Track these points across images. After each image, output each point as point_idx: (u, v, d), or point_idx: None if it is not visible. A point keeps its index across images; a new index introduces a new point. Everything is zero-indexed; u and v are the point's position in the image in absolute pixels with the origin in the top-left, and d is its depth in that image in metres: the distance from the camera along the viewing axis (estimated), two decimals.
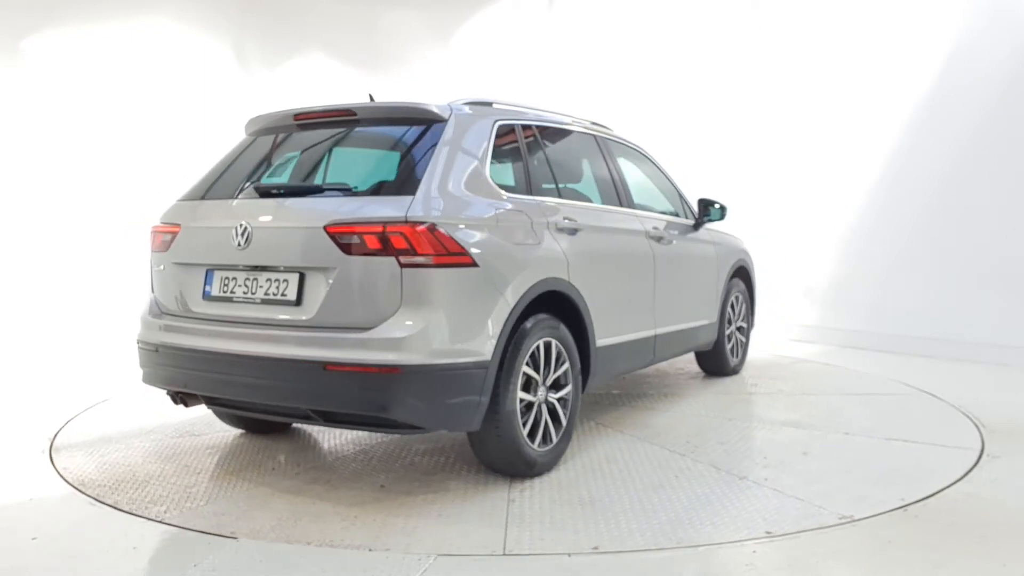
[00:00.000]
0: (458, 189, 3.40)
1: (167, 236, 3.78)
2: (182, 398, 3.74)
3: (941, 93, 6.98)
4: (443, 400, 3.19)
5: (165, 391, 3.83)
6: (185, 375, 3.61)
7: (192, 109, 10.27)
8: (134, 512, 3.26)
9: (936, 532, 2.98)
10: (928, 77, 7.09)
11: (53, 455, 4.10)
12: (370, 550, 2.86)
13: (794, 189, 8.29)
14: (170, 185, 10.35)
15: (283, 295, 3.36)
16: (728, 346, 5.93)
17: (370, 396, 3.12)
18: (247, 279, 3.47)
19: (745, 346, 6.26)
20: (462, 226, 3.30)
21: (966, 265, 6.80)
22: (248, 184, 3.76)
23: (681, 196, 5.51)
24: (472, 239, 3.31)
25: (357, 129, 3.82)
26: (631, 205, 4.73)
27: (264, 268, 3.43)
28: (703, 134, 9.06)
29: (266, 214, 3.46)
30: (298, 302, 3.31)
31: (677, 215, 5.29)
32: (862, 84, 7.59)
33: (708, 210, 5.42)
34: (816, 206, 8.09)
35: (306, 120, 3.83)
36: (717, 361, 5.90)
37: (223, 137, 10.77)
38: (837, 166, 7.86)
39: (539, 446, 3.59)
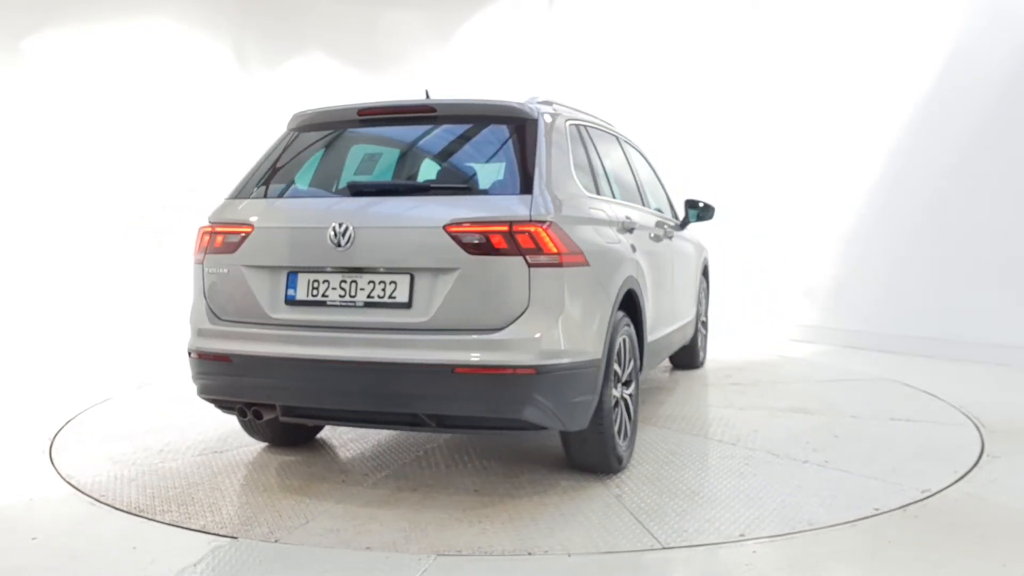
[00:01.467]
0: (562, 189, 3.40)
1: (233, 237, 3.46)
2: (254, 411, 3.41)
3: (941, 93, 6.98)
4: (569, 399, 3.19)
5: (229, 404, 3.52)
6: (268, 385, 3.35)
7: (192, 109, 10.27)
8: (134, 512, 3.26)
9: (936, 532, 2.98)
10: (928, 77, 7.08)
11: (53, 455, 4.09)
12: (369, 550, 2.86)
13: (794, 189, 8.29)
14: (170, 185, 10.36)
15: (391, 298, 3.21)
16: (699, 341, 6.24)
17: (504, 398, 3.09)
18: (343, 282, 3.27)
19: (706, 339, 6.59)
20: (573, 225, 3.32)
21: (966, 265, 6.80)
22: (332, 182, 3.66)
23: (667, 195, 5.60)
24: (582, 238, 3.33)
25: (439, 126, 3.71)
26: (647, 204, 4.83)
27: (364, 270, 3.25)
28: (703, 134, 9.06)
29: (372, 213, 3.29)
30: (409, 304, 3.20)
31: (663, 213, 5.34)
32: (863, 84, 7.59)
33: (695, 210, 5.44)
34: (816, 206, 8.09)
35: (374, 116, 3.69)
36: (690, 355, 6.15)
37: (223, 137, 10.78)
38: (837, 166, 7.86)
39: (620, 442, 3.65)
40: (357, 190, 3.49)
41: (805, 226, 8.19)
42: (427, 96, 3.92)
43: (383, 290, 3.23)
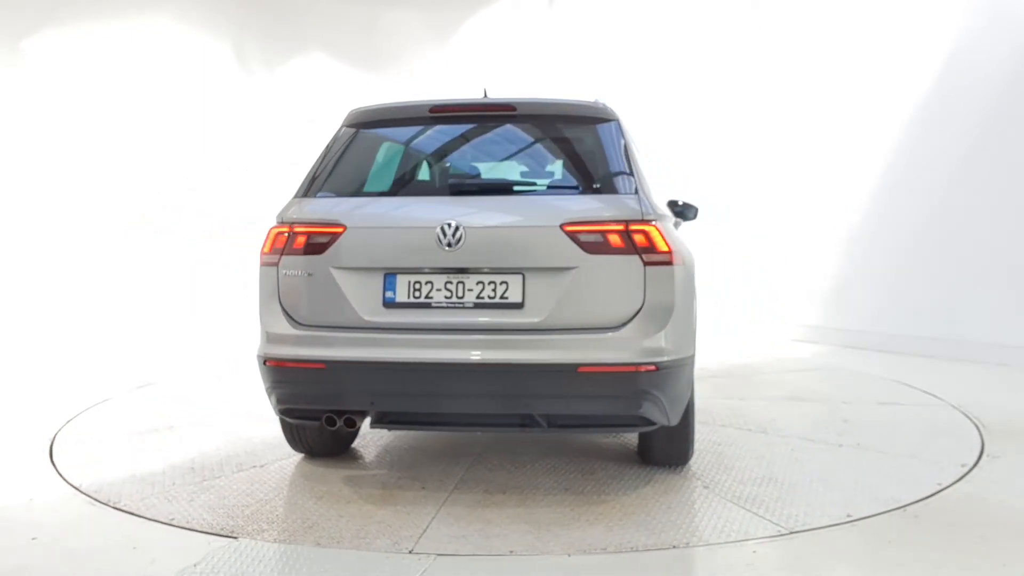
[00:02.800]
0: (650, 189, 3.44)
1: (321, 237, 3.30)
2: (346, 419, 3.29)
3: (942, 93, 6.98)
4: (678, 394, 3.25)
5: (311, 414, 3.38)
6: (369, 391, 3.24)
7: (192, 109, 10.27)
8: (134, 512, 3.26)
9: (936, 532, 2.98)
10: (929, 77, 7.08)
11: (53, 455, 4.09)
12: (368, 550, 2.86)
13: (795, 189, 8.29)
14: (170, 185, 10.36)
15: (503, 298, 3.16)
16: None
17: (625, 396, 3.12)
18: (448, 283, 3.19)
19: None
20: (666, 224, 3.36)
21: (966, 265, 6.80)
22: (424, 181, 3.60)
23: None
24: (673, 237, 3.35)
25: (520, 125, 3.69)
26: None
27: (470, 270, 3.18)
28: (704, 133, 9.06)
29: (483, 213, 3.24)
30: (522, 305, 3.16)
31: None
32: (863, 84, 7.59)
33: (676, 209, 5.42)
34: (817, 206, 8.09)
35: (447, 113, 3.64)
36: None
37: (223, 137, 10.78)
38: (838, 166, 7.86)
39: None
40: (458, 189, 3.43)
41: (805, 226, 8.19)
42: (485, 95, 3.89)
43: (493, 290, 3.18)
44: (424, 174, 3.72)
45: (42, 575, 2.75)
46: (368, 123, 3.72)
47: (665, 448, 3.66)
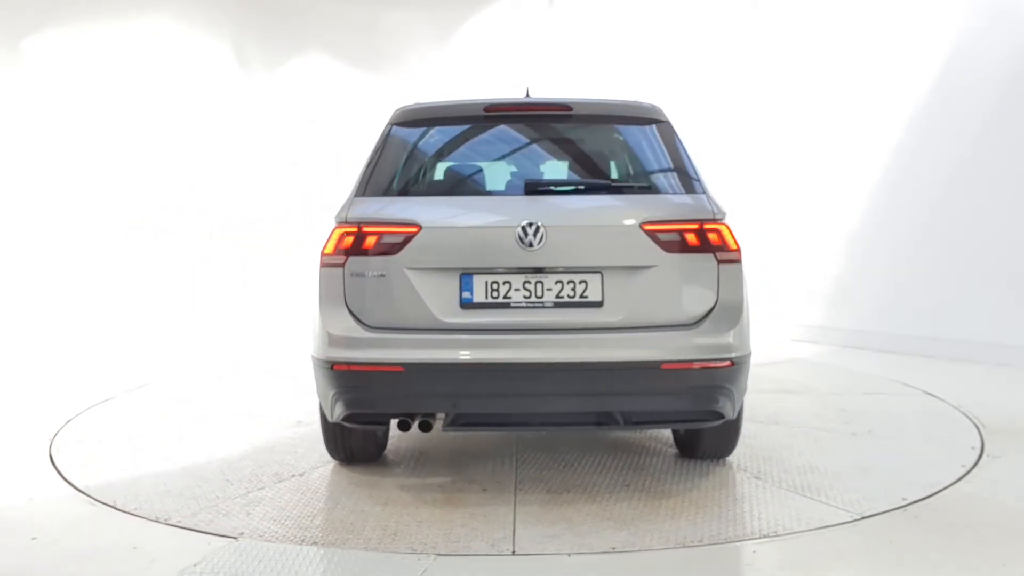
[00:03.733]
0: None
1: (394, 237, 3.23)
2: (422, 422, 3.24)
3: (943, 93, 6.98)
4: (743, 388, 3.34)
5: (376, 418, 3.34)
6: (450, 393, 3.18)
7: (192, 109, 10.27)
8: (134, 512, 3.26)
9: (936, 532, 2.98)
10: (929, 77, 7.08)
11: (53, 455, 4.09)
12: (368, 550, 2.86)
13: (795, 189, 8.29)
14: (170, 185, 10.35)
15: (582, 297, 3.19)
16: None
17: (705, 391, 3.20)
18: (527, 282, 3.19)
19: None
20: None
21: (967, 265, 6.80)
22: (493, 179, 3.61)
23: None
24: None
25: (576, 125, 3.71)
26: None
27: (547, 270, 3.19)
28: (704, 133, 9.05)
29: (563, 212, 3.27)
30: (602, 303, 3.19)
31: None
32: (864, 84, 7.59)
33: None
34: (817, 206, 8.09)
35: (502, 113, 3.64)
36: None
37: (223, 137, 10.78)
38: (838, 166, 7.86)
39: None
40: (532, 189, 3.41)
41: (806, 226, 8.19)
42: (527, 94, 3.90)
43: (573, 290, 3.19)
44: (492, 173, 3.69)
45: (42, 575, 2.75)
46: (418, 121, 3.69)
47: (715, 441, 3.73)
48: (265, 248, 10.57)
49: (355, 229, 3.27)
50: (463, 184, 3.62)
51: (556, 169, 3.75)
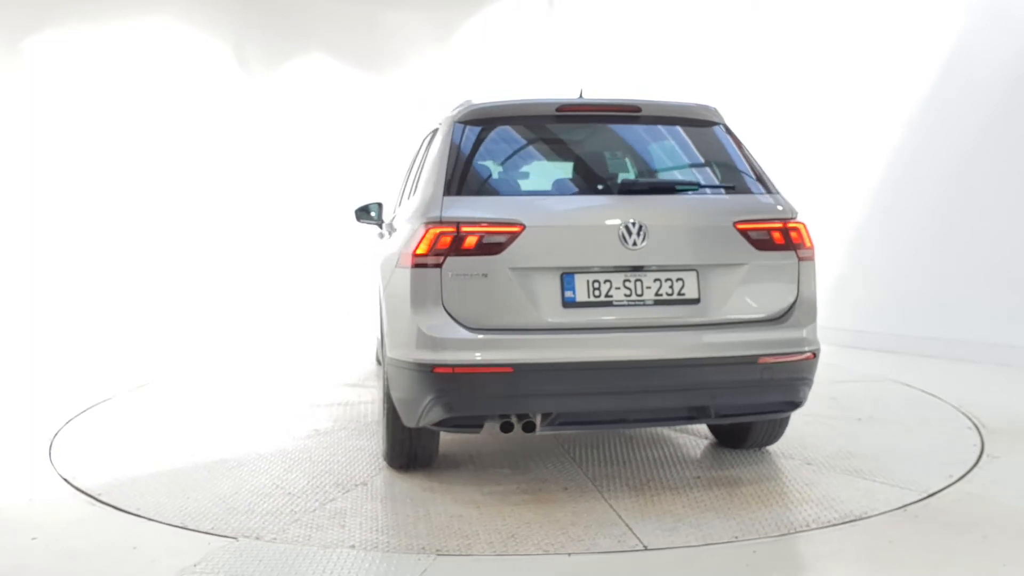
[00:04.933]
0: None
1: (497, 237, 3.18)
2: (526, 422, 3.18)
3: (943, 93, 6.98)
4: (814, 380, 3.47)
5: (471, 421, 3.25)
6: (559, 392, 3.17)
7: (192, 109, 10.27)
8: (134, 512, 3.26)
9: (936, 532, 2.98)
10: (930, 77, 7.08)
11: (53, 455, 4.09)
12: (367, 550, 2.86)
13: (795, 189, 8.27)
14: (170, 185, 10.36)
15: (680, 294, 3.25)
16: None
17: (793, 383, 3.35)
18: (627, 280, 3.22)
19: None
20: None
21: (967, 265, 6.80)
22: (582, 178, 3.62)
23: None
24: None
25: (645, 126, 3.76)
26: None
27: (646, 268, 3.24)
28: None
29: (663, 211, 3.33)
30: (698, 300, 3.26)
31: None
32: (864, 84, 7.59)
33: None
34: (817, 206, 8.09)
35: (574, 112, 3.67)
36: None
37: (223, 137, 10.78)
38: (838, 166, 7.86)
39: None
40: (627, 188, 3.45)
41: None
42: (581, 95, 3.92)
43: (671, 287, 3.25)
44: (580, 173, 3.70)
45: (42, 575, 2.75)
46: (487, 120, 3.64)
47: (768, 430, 3.85)
48: (265, 248, 10.57)
49: (453, 229, 3.19)
50: (555, 183, 3.61)
51: (637, 169, 3.77)
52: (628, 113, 3.69)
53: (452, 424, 3.26)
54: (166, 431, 4.60)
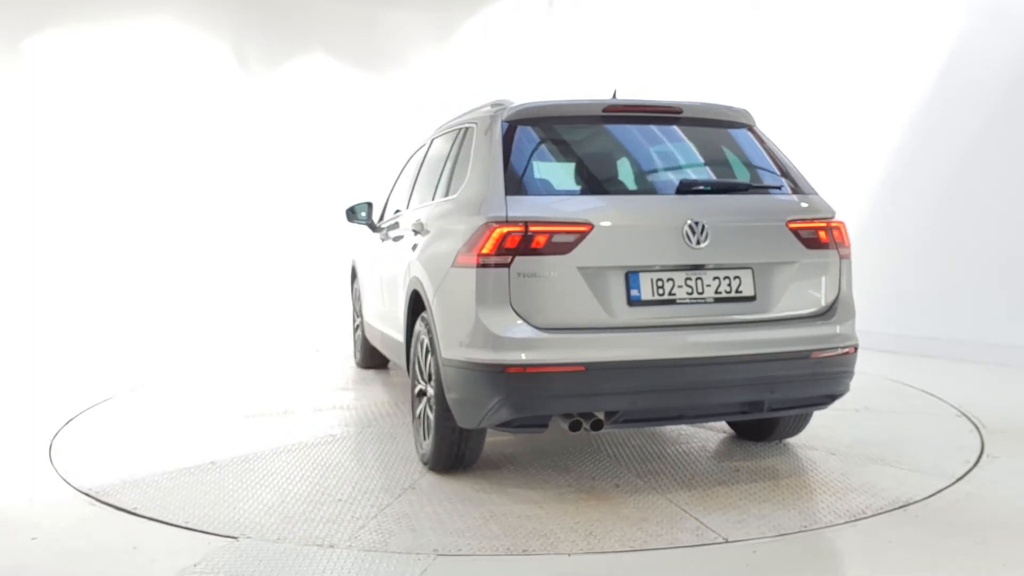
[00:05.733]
0: None
1: (566, 236, 3.18)
2: (595, 421, 3.20)
3: (944, 93, 6.98)
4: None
5: (544, 420, 3.24)
6: (630, 390, 3.19)
7: (192, 108, 10.27)
8: (134, 512, 3.26)
9: (936, 532, 2.98)
10: (930, 77, 7.08)
11: (53, 455, 4.09)
12: (366, 551, 2.86)
13: None
14: (169, 185, 10.35)
15: (737, 292, 3.33)
16: None
17: (841, 375, 3.48)
18: (688, 279, 3.28)
19: None
20: None
21: (967, 265, 6.80)
22: (639, 178, 3.66)
23: None
24: None
25: (687, 127, 3.81)
26: None
27: (706, 266, 3.30)
28: None
29: (723, 211, 3.39)
30: (754, 297, 3.35)
31: None
32: (864, 84, 7.59)
33: None
34: None
35: (622, 113, 3.70)
36: None
37: (222, 136, 10.78)
38: (838, 166, 7.86)
39: None
40: (686, 188, 3.48)
41: None
42: (614, 95, 3.94)
43: (729, 285, 3.32)
44: (636, 173, 3.73)
45: (42, 575, 2.75)
46: (537, 120, 3.64)
47: (795, 423, 3.98)
48: (266, 247, 10.57)
49: (521, 228, 3.17)
50: (616, 183, 3.64)
51: (690, 169, 3.80)
52: (669, 114, 3.73)
53: (518, 424, 3.24)
54: (166, 431, 4.60)
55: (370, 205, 5.63)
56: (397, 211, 5.36)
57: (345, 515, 3.20)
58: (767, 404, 3.39)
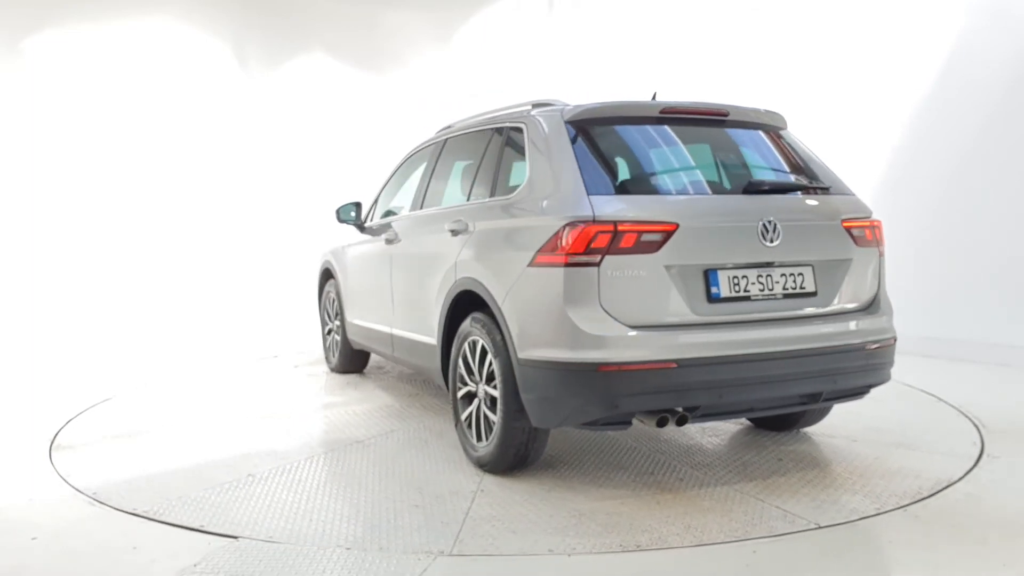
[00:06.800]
0: None
1: (654, 235, 3.23)
2: (680, 416, 3.25)
3: (944, 93, 6.98)
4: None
5: (628, 417, 3.27)
6: (718, 385, 3.26)
7: (192, 109, 10.27)
8: (134, 512, 3.26)
9: (936, 532, 2.98)
10: (930, 77, 7.08)
11: (53, 455, 4.10)
12: (366, 551, 2.86)
13: None
14: (169, 185, 10.35)
15: (801, 288, 3.49)
16: None
17: (885, 364, 3.70)
18: (760, 276, 3.40)
19: None
20: None
21: (967, 265, 6.80)
22: (702, 177, 3.71)
23: None
24: None
25: (735, 129, 3.90)
26: None
27: (775, 264, 3.43)
28: None
29: (791, 210, 3.53)
30: (816, 293, 3.51)
31: None
32: (864, 84, 7.59)
33: None
34: None
35: (677, 115, 3.75)
36: None
37: (222, 137, 10.77)
38: (838, 166, 7.86)
39: None
40: (755, 188, 3.57)
41: None
42: (654, 97, 4.00)
43: (794, 281, 3.48)
44: (711, 173, 3.78)
45: (42, 575, 2.75)
46: (598, 120, 3.67)
47: (819, 413, 4.19)
48: (265, 247, 10.57)
49: (610, 227, 3.19)
50: (692, 183, 3.67)
51: (753, 169, 3.88)
52: (717, 117, 3.82)
53: (604, 422, 3.27)
54: (166, 431, 4.60)
55: (358, 205, 5.57)
56: (390, 212, 5.34)
57: (433, 522, 3.13)
58: (825, 394, 3.54)
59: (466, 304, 3.87)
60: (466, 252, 3.87)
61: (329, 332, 6.38)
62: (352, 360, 6.09)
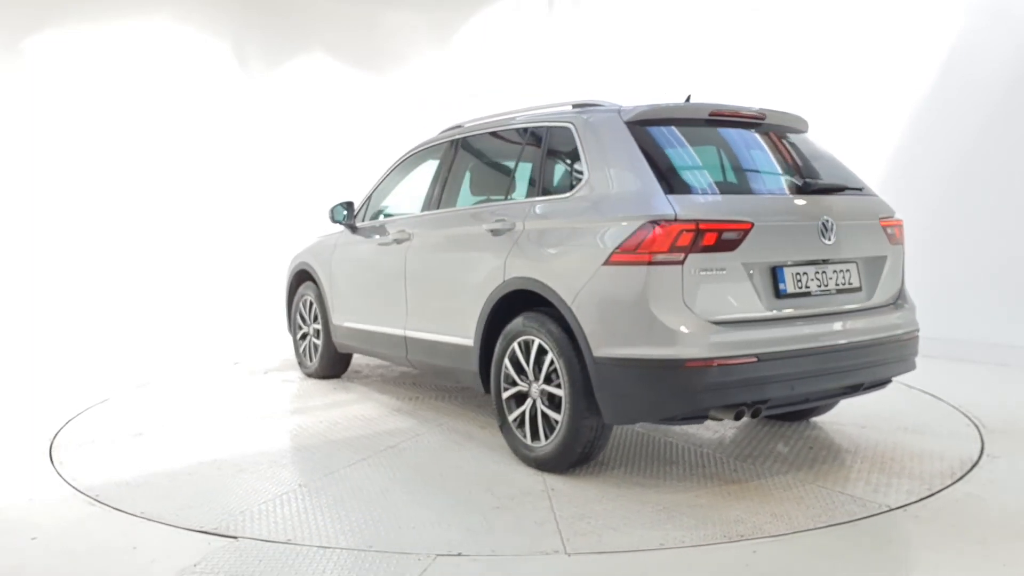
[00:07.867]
0: None
1: (733, 234, 3.33)
2: (755, 409, 3.35)
3: (944, 93, 6.98)
4: None
5: (703, 412, 3.31)
6: (793, 378, 3.38)
7: (192, 109, 10.27)
8: (134, 512, 3.26)
9: (936, 532, 2.98)
10: (930, 77, 7.08)
11: (53, 455, 4.10)
12: (365, 551, 2.86)
13: None
14: (169, 185, 10.35)
15: (849, 284, 3.67)
16: None
17: (914, 355, 3.90)
18: (817, 272, 3.57)
19: None
20: None
21: (967, 265, 6.80)
22: (755, 177, 3.87)
23: None
24: None
25: (768, 131, 4.00)
26: None
27: (829, 261, 3.61)
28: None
29: (842, 209, 3.70)
30: (860, 288, 3.71)
31: None
32: (864, 83, 7.58)
33: None
34: None
35: (724, 118, 3.86)
36: None
37: (222, 137, 10.77)
38: None
39: None
40: (808, 189, 3.74)
41: None
42: (688, 99, 4.02)
43: (843, 277, 3.66)
44: (771, 173, 3.94)
45: (42, 575, 2.75)
46: (656, 121, 3.73)
47: (831, 403, 4.35)
48: (265, 247, 10.56)
49: (693, 226, 3.26)
50: (757, 183, 3.86)
51: (803, 170, 3.96)
52: (756, 120, 3.93)
53: (682, 417, 3.33)
54: (166, 431, 4.60)
55: (350, 205, 5.52)
56: (385, 213, 5.32)
57: (525, 522, 3.10)
58: (866, 384, 3.70)
59: (510, 304, 3.86)
60: (516, 251, 3.85)
61: (304, 336, 6.15)
62: (335, 364, 5.94)
